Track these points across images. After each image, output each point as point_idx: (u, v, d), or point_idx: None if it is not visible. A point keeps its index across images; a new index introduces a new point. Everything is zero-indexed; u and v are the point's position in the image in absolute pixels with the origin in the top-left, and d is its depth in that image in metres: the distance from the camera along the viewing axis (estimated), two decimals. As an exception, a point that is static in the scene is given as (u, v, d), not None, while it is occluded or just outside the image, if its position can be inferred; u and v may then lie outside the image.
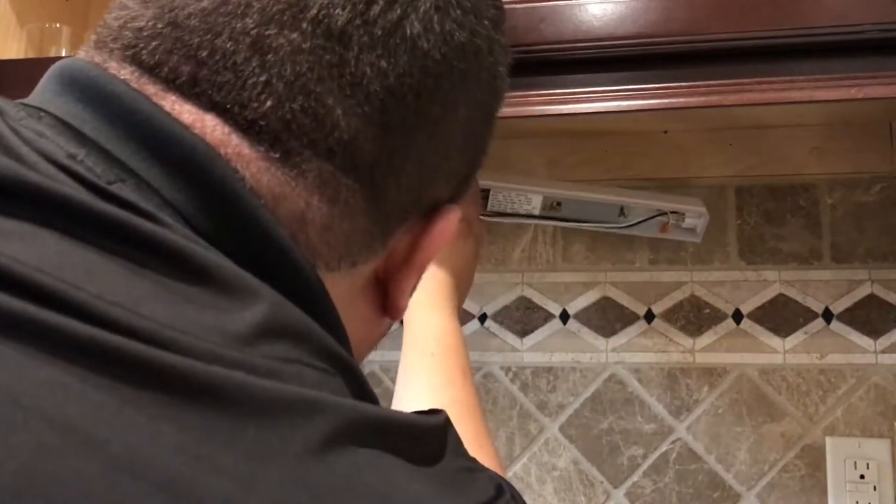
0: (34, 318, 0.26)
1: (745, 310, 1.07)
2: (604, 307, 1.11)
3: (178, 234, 0.31)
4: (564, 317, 1.12)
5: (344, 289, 0.38)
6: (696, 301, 1.08)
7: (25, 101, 0.36)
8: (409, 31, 0.36)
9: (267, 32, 0.34)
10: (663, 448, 1.07)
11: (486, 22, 0.39)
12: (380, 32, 0.35)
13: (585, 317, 1.11)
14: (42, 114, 0.34)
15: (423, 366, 0.72)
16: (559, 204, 0.97)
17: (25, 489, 0.24)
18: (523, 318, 1.13)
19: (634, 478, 1.07)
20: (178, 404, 0.27)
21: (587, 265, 1.12)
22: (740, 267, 1.08)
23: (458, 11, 0.37)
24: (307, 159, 0.35)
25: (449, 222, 0.41)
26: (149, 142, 0.33)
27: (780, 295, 1.06)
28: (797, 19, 0.73)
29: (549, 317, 1.13)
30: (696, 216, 0.96)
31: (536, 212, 0.97)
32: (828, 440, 1.02)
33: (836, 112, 1.01)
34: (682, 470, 1.06)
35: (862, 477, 1.00)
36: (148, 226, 0.30)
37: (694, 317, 1.08)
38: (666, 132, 1.09)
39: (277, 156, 0.34)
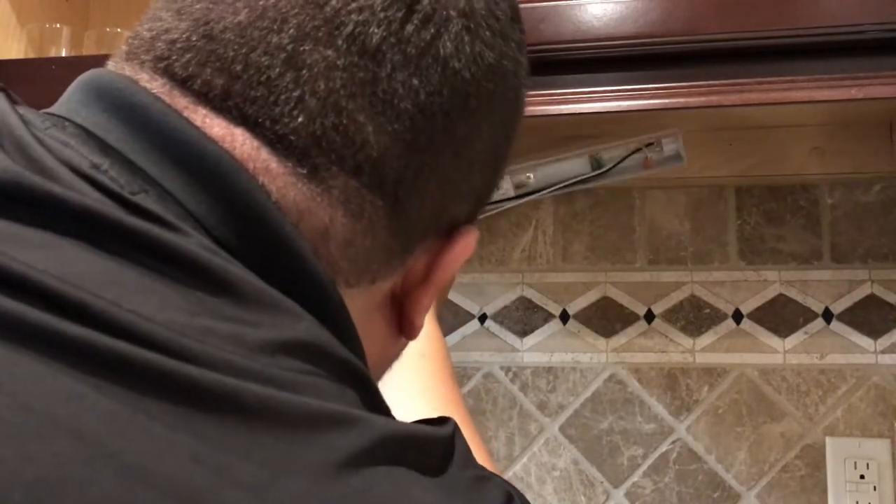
0: (50, 326, 0.27)
1: (745, 310, 1.07)
2: (604, 307, 1.11)
3: (199, 246, 0.31)
4: (564, 317, 1.12)
5: (362, 305, 0.38)
6: (696, 301, 1.08)
7: (50, 110, 0.36)
8: (441, 51, 0.36)
9: (302, 48, 0.34)
10: (663, 448, 1.07)
11: (512, 44, 0.40)
12: (413, 51, 0.35)
13: (585, 317, 1.11)
14: (66, 123, 0.34)
15: (417, 366, 0.72)
16: (529, 177, 0.97)
17: (42, 498, 0.24)
18: (523, 318, 1.13)
19: (634, 478, 1.07)
20: (193, 414, 0.27)
21: (587, 265, 1.12)
22: (740, 267, 1.08)
23: (488, 33, 0.38)
24: (334, 175, 0.35)
25: (467, 242, 0.41)
26: (173, 153, 0.33)
27: (780, 295, 1.06)
28: (797, 19, 0.73)
29: (549, 317, 1.13)
30: (672, 140, 0.97)
31: (511, 193, 0.97)
32: (828, 440, 1.02)
33: (836, 112, 1.01)
34: (682, 470, 1.06)
35: (862, 477, 1.00)
36: (168, 236, 0.30)
37: (694, 317, 1.08)
38: (666, 132, 1.09)
39: (305, 171, 0.34)
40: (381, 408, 0.34)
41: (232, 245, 0.33)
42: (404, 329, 0.42)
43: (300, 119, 0.34)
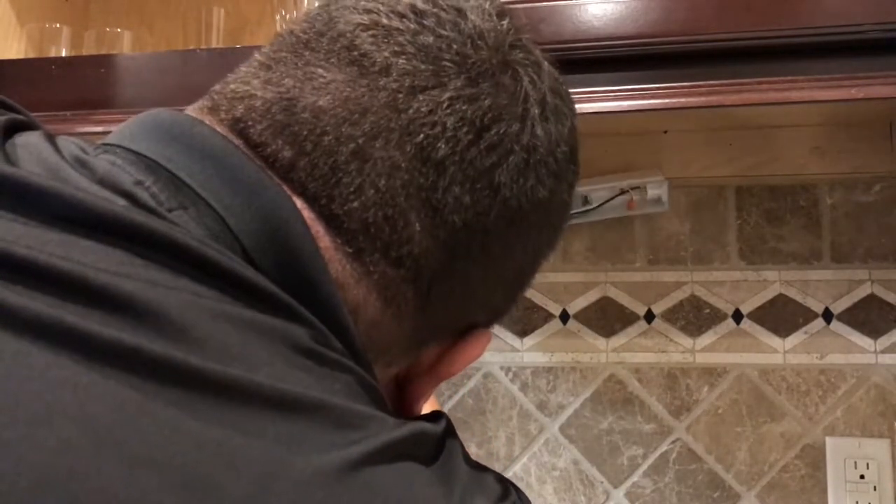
0: (59, 317, 0.27)
1: (745, 310, 1.07)
2: (604, 307, 1.11)
3: (220, 252, 0.32)
4: (564, 317, 1.12)
5: None
6: (696, 301, 1.08)
7: (105, 140, 0.37)
8: (497, 179, 0.38)
9: (372, 144, 0.36)
10: (663, 448, 1.07)
11: (564, 185, 0.42)
12: (471, 172, 0.37)
13: (585, 317, 1.11)
14: (118, 149, 0.36)
15: None
16: None
17: (47, 484, 0.24)
18: (523, 318, 1.13)
19: (634, 478, 1.07)
20: (198, 402, 0.27)
21: (587, 265, 1.12)
22: (740, 267, 1.08)
23: (545, 171, 0.40)
24: (376, 262, 0.37)
25: (478, 344, 0.42)
26: (224, 173, 0.34)
27: (780, 295, 1.06)
28: (797, 19, 0.73)
29: (549, 317, 1.13)
30: (657, 185, 1.00)
31: None
32: (828, 440, 1.02)
33: (836, 112, 1.01)
34: (682, 470, 1.06)
35: (862, 477, 1.00)
36: (187, 238, 0.31)
37: (694, 317, 1.08)
38: (666, 132, 1.09)
39: (351, 251, 0.36)
40: (384, 405, 0.34)
41: (263, 266, 0.34)
42: (403, 413, 0.44)
43: (355, 204, 0.36)
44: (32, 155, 0.34)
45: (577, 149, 0.43)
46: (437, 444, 0.34)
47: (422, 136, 0.36)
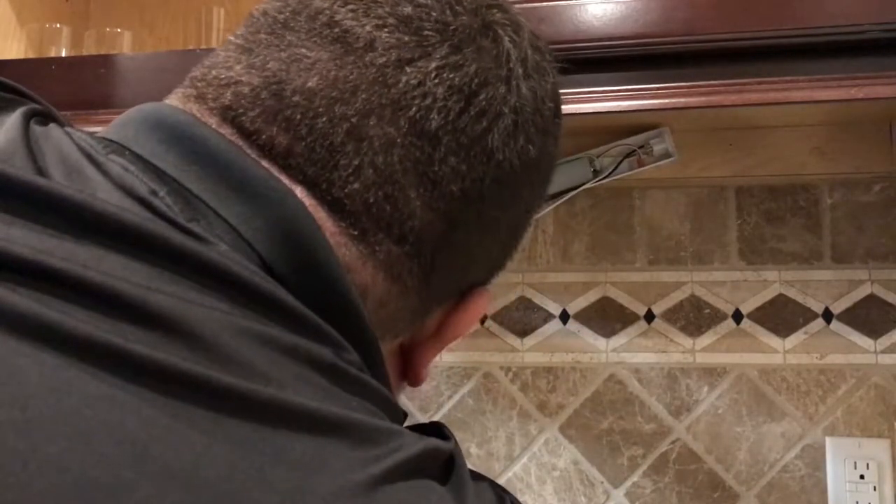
0: (95, 334, 0.28)
1: (745, 310, 1.07)
2: (604, 307, 1.11)
3: (245, 269, 0.32)
4: (564, 317, 1.12)
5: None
6: (696, 301, 1.08)
7: (104, 135, 0.37)
8: (489, 144, 0.38)
9: (366, 122, 0.36)
10: (663, 448, 1.07)
11: (551, 139, 0.42)
12: (465, 140, 0.38)
13: (585, 317, 1.11)
14: (126, 151, 0.35)
15: None
16: None
17: (90, 498, 0.25)
18: (523, 318, 1.13)
19: (634, 478, 1.07)
20: (228, 420, 0.28)
21: (587, 265, 1.12)
22: (740, 267, 1.08)
23: (533, 129, 0.40)
24: (380, 241, 0.37)
25: (479, 303, 0.43)
26: (231, 180, 0.34)
27: (780, 295, 1.06)
28: (797, 19, 0.74)
29: (549, 317, 1.13)
30: (660, 139, 1.00)
31: None
32: (828, 440, 1.02)
33: (836, 112, 1.01)
34: (682, 470, 1.06)
35: (862, 477, 1.00)
36: (213, 254, 0.31)
37: (694, 317, 1.08)
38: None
39: (356, 233, 0.36)
40: (401, 422, 0.35)
41: (281, 273, 0.34)
42: (409, 378, 0.44)
43: (356, 185, 0.36)
44: (54, 151, 0.34)
45: (560, 102, 0.44)
46: (449, 461, 0.34)
47: (414, 108, 0.36)
